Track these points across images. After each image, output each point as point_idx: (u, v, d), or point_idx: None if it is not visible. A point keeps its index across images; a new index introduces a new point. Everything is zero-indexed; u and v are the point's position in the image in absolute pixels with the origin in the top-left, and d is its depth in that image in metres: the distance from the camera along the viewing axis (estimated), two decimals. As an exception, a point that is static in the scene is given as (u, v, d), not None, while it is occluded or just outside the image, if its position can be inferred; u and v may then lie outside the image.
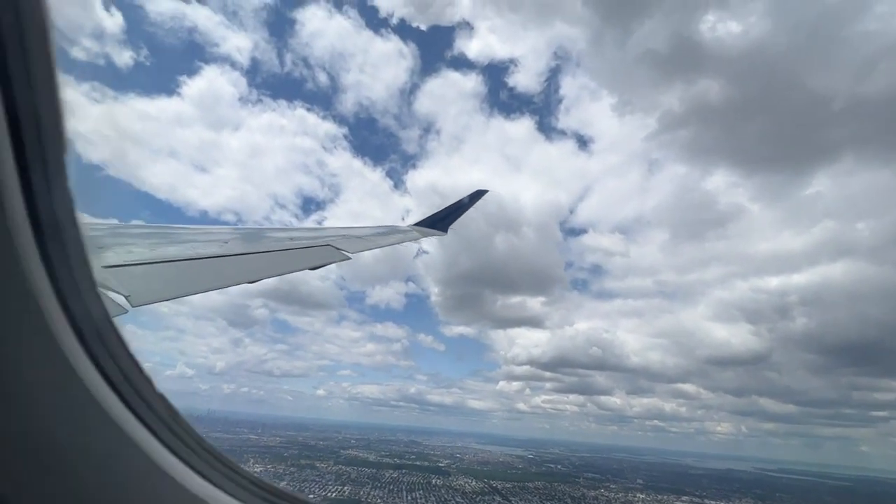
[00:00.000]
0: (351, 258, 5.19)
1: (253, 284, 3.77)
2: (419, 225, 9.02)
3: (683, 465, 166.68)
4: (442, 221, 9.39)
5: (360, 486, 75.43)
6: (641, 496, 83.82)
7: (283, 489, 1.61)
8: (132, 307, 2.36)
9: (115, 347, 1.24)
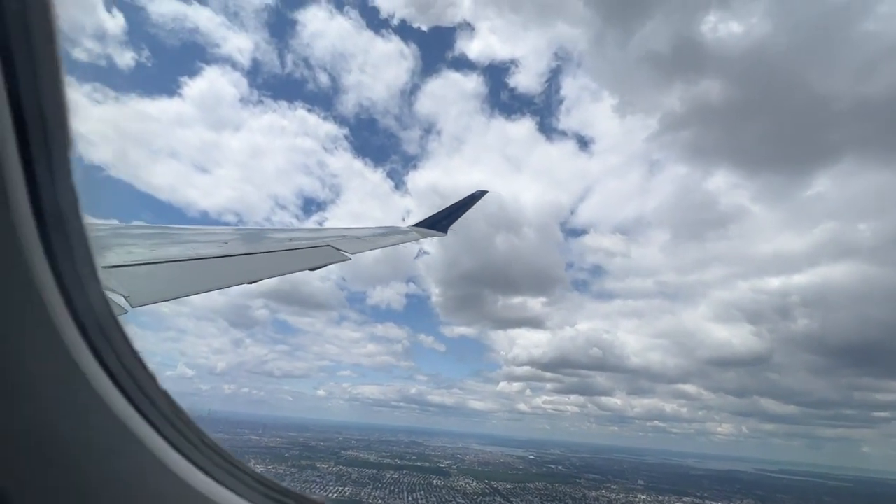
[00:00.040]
0: (351, 259, 5.20)
1: (253, 285, 3.77)
2: (419, 226, 9.00)
3: (684, 465, 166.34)
4: (442, 222, 9.37)
5: (361, 486, 75.38)
6: (643, 497, 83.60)
7: (285, 487, 1.59)
8: (131, 308, 2.35)
9: (118, 343, 1.23)
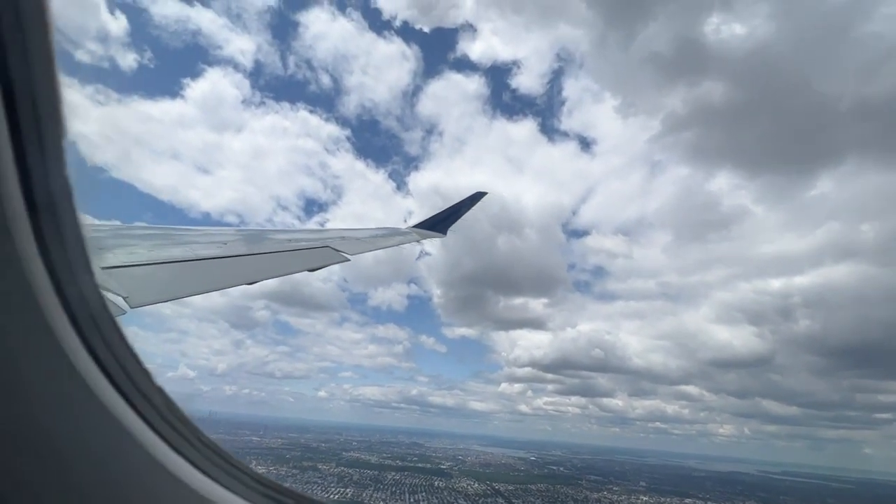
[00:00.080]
0: (350, 260, 5.21)
1: (254, 286, 3.77)
2: (419, 227, 9.02)
3: (686, 467, 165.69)
4: (441, 223, 9.39)
5: (362, 488, 75.21)
6: (645, 499, 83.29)
7: (284, 486, 1.56)
8: (130, 308, 2.35)
9: (112, 339, 1.21)
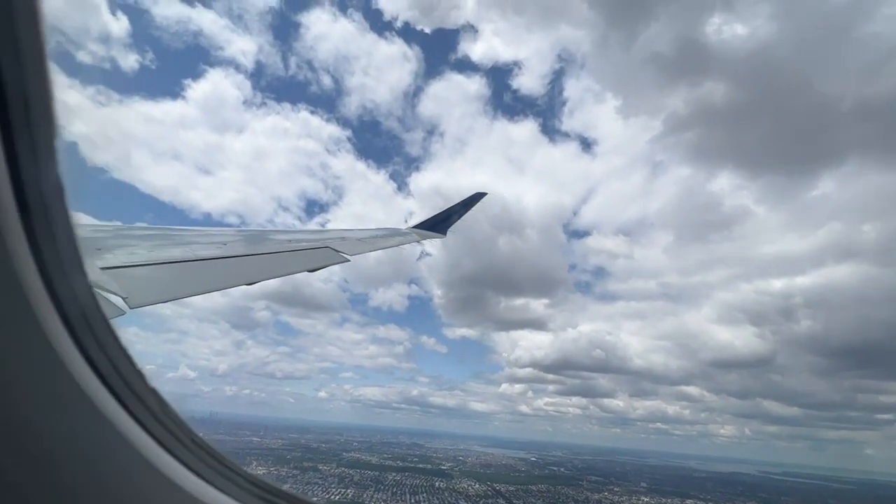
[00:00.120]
0: (350, 260, 5.21)
1: (255, 286, 3.77)
2: (419, 227, 9.03)
3: (687, 468, 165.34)
4: (441, 224, 9.39)
5: (362, 488, 75.11)
6: (646, 500, 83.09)
7: (278, 487, 1.53)
8: (130, 308, 2.35)
9: (105, 338, 1.19)
